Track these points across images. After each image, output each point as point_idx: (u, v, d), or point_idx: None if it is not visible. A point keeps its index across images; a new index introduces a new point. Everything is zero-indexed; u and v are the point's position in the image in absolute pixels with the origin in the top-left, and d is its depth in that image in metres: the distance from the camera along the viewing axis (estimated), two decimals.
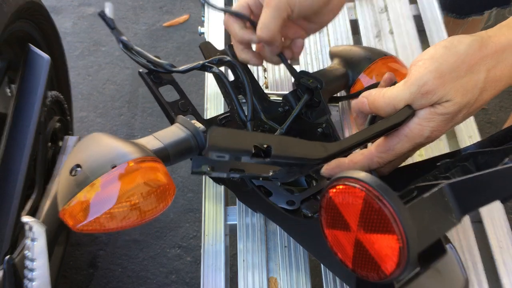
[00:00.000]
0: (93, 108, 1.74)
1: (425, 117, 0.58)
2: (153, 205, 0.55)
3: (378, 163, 0.61)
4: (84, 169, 0.54)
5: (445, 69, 0.56)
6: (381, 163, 0.61)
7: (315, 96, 0.75)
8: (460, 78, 0.56)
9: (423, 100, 0.57)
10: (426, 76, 0.56)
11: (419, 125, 0.58)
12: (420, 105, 0.57)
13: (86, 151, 0.57)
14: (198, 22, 1.98)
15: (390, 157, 0.60)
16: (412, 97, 0.57)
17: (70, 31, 1.98)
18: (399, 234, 0.46)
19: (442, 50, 0.57)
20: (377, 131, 0.58)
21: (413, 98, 0.57)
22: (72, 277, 1.38)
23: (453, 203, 0.52)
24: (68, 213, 0.54)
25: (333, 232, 0.52)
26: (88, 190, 0.53)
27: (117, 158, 0.54)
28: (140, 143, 0.60)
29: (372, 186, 0.47)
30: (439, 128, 0.58)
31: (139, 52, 0.74)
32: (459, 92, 0.56)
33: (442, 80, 0.55)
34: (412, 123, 0.58)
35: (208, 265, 0.69)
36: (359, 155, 0.62)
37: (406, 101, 0.58)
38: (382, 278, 0.49)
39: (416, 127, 0.58)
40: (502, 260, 0.68)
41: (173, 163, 0.63)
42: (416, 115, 0.58)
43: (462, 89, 0.56)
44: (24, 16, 1.03)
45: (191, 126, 0.66)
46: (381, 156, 0.61)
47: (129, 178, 0.53)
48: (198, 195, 1.51)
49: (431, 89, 0.56)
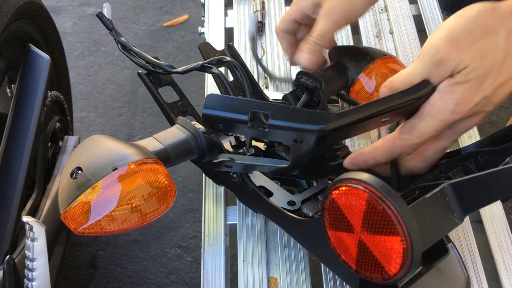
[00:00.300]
0: (93, 108, 1.74)
1: (445, 89, 0.53)
2: (154, 207, 0.55)
3: (402, 146, 0.56)
4: (85, 171, 0.54)
5: (457, 34, 0.52)
6: (405, 146, 0.56)
7: (314, 96, 0.75)
8: (475, 41, 0.52)
9: (439, 71, 0.53)
10: (437, 43, 0.52)
11: (441, 100, 0.54)
12: (438, 77, 0.53)
13: (86, 153, 0.57)
14: (198, 22, 1.98)
15: (414, 139, 0.55)
16: (426, 68, 0.53)
17: (70, 31, 1.98)
18: (403, 235, 0.46)
19: (453, 18, 0.54)
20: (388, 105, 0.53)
21: (428, 70, 0.53)
22: (72, 277, 1.38)
23: (455, 203, 0.52)
24: (70, 216, 0.54)
25: (336, 233, 0.52)
26: (89, 192, 0.53)
27: (118, 160, 0.54)
28: (140, 144, 0.60)
29: (375, 188, 0.47)
30: (464, 101, 0.53)
31: (138, 53, 0.74)
32: (476, 56, 0.52)
33: (455, 45, 0.52)
34: (433, 98, 0.54)
35: (208, 265, 0.69)
36: (381, 140, 0.58)
37: (422, 75, 0.54)
38: (386, 279, 0.49)
39: (437, 102, 0.54)
40: (502, 260, 0.68)
41: (174, 164, 0.63)
42: (437, 89, 0.54)
43: (480, 53, 0.52)
44: (24, 16, 1.03)
45: (191, 127, 0.66)
46: (404, 138, 0.56)
47: (130, 180, 0.53)
48: (198, 195, 1.51)
49: (444, 56, 0.52)
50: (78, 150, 0.58)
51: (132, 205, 0.54)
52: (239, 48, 0.94)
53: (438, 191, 0.51)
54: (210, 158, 0.68)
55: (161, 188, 0.55)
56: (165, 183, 0.56)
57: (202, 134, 0.65)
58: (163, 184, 0.56)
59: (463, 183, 0.52)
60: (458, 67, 0.52)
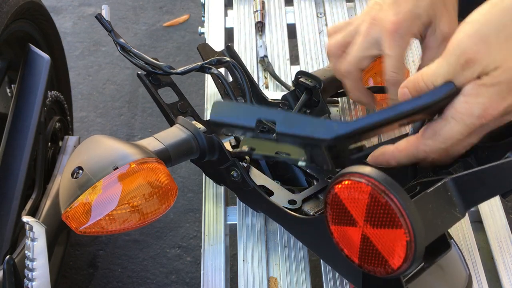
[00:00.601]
0: (93, 108, 1.74)
1: (471, 92, 0.48)
2: (155, 206, 0.56)
3: (425, 151, 0.53)
4: (86, 171, 0.54)
5: (489, 30, 0.47)
6: (428, 151, 0.53)
7: (314, 96, 0.75)
8: (509, 39, 0.46)
9: (465, 73, 0.48)
10: (465, 42, 0.47)
11: (466, 103, 0.49)
12: (463, 79, 0.48)
13: (87, 153, 0.57)
14: (198, 22, 1.98)
15: (438, 144, 0.52)
16: (451, 69, 0.49)
17: (70, 31, 1.98)
18: (406, 228, 0.46)
19: (486, 8, 0.48)
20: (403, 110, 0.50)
21: (453, 70, 0.49)
22: (72, 277, 1.38)
23: (456, 198, 0.52)
24: (71, 216, 0.54)
25: (339, 228, 0.52)
26: (90, 192, 0.53)
27: (118, 160, 0.54)
28: (141, 144, 0.60)
29: (378, 181, 0.47)
30: (492, 105, 0.48)
31: (137, 54, 0.74)
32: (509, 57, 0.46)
33: (486, 45, 0.47)
34: (458, 101, 0.49)
35: (208, 265, 0.69)
36: (404, 142, 0.55)
37: (445, 75, 0.49)
38: (389, 273, 0.49)
39: (462, 105, 0.49)
40: (502, 260, 0.68)
41: (175, 164, 0.63)
42: (462, 92, 0.49)
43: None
44: (24, 16, 1.03)
45: (192, 126, 0.66)
46: (427, 144, 0.52)
47: (131, 180, 0.54)
48: (198, 195, 1.51)
49: (472, 57, 0.47)
50: (79, 150, 0.58)
51: (132, 205, 0.54)
52: (239, 48, 0.94)
53: (440, 186, 0.51)
54: (211, 158, 0.68)
55: (162, 187, 0.55)
56: (166, 183, 0.56)
57: (203, 133, 0.65)
58: (164, 184, 0.56)
59: (465, 177, 0.52)
60: (487, 68, 0.47)
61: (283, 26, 0.97)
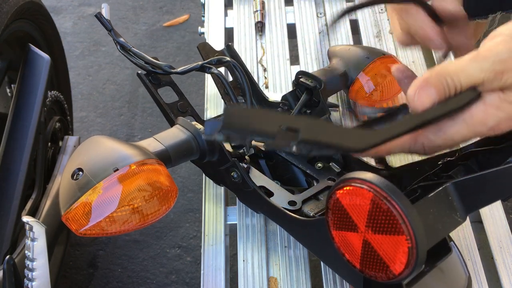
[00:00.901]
0: (93, 108, 1.74)
1: (494, 103, 0.47)
2: (155, 208, 0.55)
3: (423, 145, 0.52)
4: (86, 172, 0.54)
5: None
6: (427, 147, 0.52)
7: (314, 96, 0.75)
8: None
9: (495, 82, 0.47)
10: (504, 51, 0.46)
11: (484, 112, 0.48)
12: (490, 87, 0.47)
13: (87, 154, 0.57)
14: (198, 22, 1.98)
15: (439, 141, 0.51)
16: (482, 74, 0.47)
17: (70, 31, 1.98)
18: (408, 234, 0.46)
19: None
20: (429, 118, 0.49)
21: (484, 76, 0.47)
22: (72, 277, 1.38)
23: (457, 202, 0.52)
24: (71, 217, 0.54)
25: (341, 233, 0.52)
26: (90, 193, 0.53)
27: (119, 161, 0.54)
28: (141, 145, 0.60)
29: (380, 187, 0.47)
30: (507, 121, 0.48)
31: (137, 53, 0.74)
32: None
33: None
34: (476, 108, 0.48)
35: (208, 265, 0.69)
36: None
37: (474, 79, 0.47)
38: (391, 278, 0.49)
39: (479, 113, 0.48)
40: (502, 260, 0.68)
41: (175, 164, 0.63)
42: (483, 99, 0.48)
43: None
44: (24, 16, 1.03)
45: (192, 127, 0.66)
46: (429, 138, 0.51)
47: (131, 181, 0.53)
48: (198, 195, 1.51)
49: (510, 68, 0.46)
50: (79, 151, 0.58)
51: (133, 206, 0.54)
52: (239, 48, 0.94)
53: (441, 190, 0.51)
54: (211, 159, 0.68)
55: (162, 189, 0.55)
56: (166, 184, 0.56)
57: (203, 134, 0.65)
58: (164, 185, 0.56)
59: (466, 182, 0.52)
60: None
61: (283, 26, 0.97)
